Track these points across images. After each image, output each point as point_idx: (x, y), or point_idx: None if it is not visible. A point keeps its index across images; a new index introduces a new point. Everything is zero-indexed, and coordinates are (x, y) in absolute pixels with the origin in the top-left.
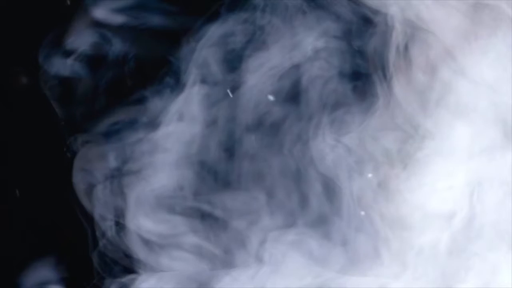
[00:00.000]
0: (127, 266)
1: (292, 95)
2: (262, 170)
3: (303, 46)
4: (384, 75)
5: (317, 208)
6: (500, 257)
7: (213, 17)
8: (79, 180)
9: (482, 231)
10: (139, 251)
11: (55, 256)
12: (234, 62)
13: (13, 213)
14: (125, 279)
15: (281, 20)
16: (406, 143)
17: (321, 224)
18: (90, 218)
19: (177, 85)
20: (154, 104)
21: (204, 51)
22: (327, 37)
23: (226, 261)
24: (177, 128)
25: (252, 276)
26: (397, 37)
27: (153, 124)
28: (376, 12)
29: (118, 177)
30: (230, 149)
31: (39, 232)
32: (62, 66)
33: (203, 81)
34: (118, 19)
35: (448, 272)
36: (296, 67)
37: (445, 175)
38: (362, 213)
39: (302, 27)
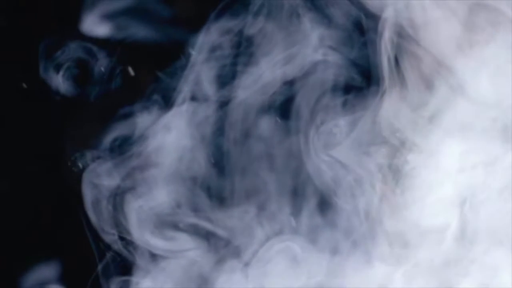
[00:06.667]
0: (127, 265)
1: (281, 111)
2: (255, 184)
3: (311, 35)
4: (394, 62)
5: (310, 223)
6: (501, 257)
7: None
8: (78, 178)
9: (483, 230)
10: (139, 249)
11: (55, 256)
12: (226, 77)
13: (13, 214)
14: (125, 278)
15: (288, 13)
16: (394, 158)
17: (316, 237)
18: (89, 217)
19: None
20: (142, 119)
21: (196, 66)
22: (320, 49)
23: (226, 259)
24: (168, 141)
25: (252, 275)
26: (389, 50)
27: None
28: (369, 23)
29: (119, 172)
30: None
31: (39, 232)
32: (78, 49)
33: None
34: (106, 32)
35: (449, 270)
36: (288, 83)
37: (435, 187)
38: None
39: (309, 18)
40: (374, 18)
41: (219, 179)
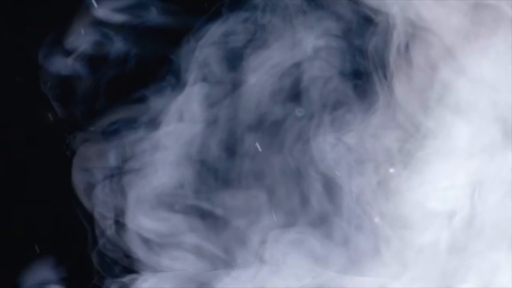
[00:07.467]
0: (127, 266)
1: (293, 94)
2: (262, 169)
3: (304, 45)
4: (385, 74)
5: (318, 207)
6: (500, 257)
7: (214, 16)
8: (78, 179)
9: (483, 231)
10: (139, 251)
11: (55, 256)
12: (234, 60)
13: (13, 213)
14: (125, 279)
15: (281, 19)
16: (407, 142)
17: (322, 223)
18: (90, 218)
19: (178, 84)
20: (155, 102)
21: (205, 50)
22: (327, 36)
23: (226, 260)
24: (177, 127)
25: (252, 276)
26: (397, 36)
27: (154, 123)
28: (376, 11)
29: (117, 175)
30: (230, 148)
31: (39, 232)
32: (62, 65)
33: (204, 79)
34: (119, 18)
35: (448, 271)
36: (297, 66)
37: (446, 174)
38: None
39: (302, 26)
40: (380, 10)
41: (226, 164)
